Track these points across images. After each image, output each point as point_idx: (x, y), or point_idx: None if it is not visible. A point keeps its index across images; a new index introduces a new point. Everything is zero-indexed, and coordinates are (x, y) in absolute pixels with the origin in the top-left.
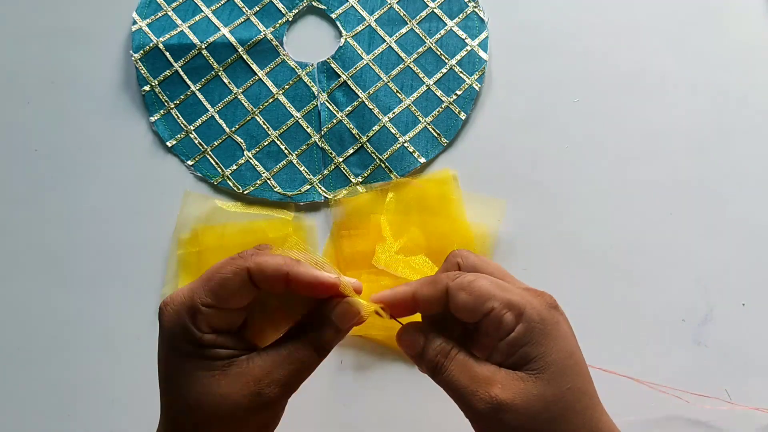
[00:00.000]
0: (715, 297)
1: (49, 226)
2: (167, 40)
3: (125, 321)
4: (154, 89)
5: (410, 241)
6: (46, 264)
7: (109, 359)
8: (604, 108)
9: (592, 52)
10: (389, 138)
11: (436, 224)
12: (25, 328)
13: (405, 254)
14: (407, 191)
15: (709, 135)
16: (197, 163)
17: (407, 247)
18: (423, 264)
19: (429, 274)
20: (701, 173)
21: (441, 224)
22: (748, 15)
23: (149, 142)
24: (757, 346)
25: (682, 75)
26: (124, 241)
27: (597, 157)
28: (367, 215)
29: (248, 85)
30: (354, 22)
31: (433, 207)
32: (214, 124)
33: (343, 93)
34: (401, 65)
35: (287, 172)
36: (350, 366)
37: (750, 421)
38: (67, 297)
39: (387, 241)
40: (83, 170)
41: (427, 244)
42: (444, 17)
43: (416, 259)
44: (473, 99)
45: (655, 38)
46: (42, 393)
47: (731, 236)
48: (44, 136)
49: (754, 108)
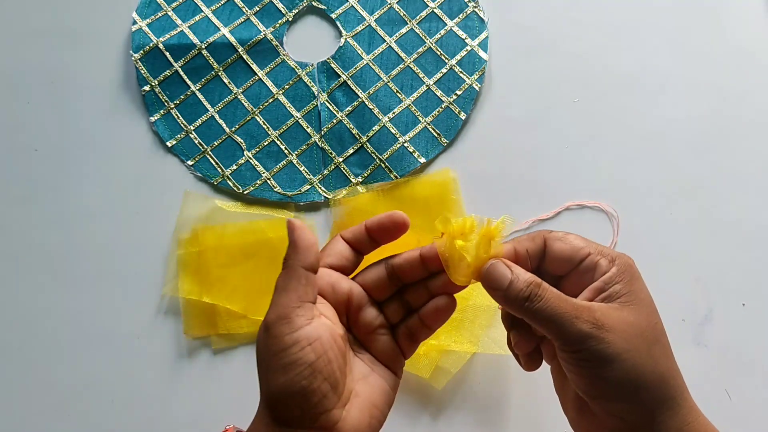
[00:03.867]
0: (715, 297)
1: (49, 226)
2: (167, 40)
3: (125, 321)
4: (154, 89)
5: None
6: (46, 264)
7: (109, 359)
8: (604, 108)
9: (591, 53)
10: (389, 138)
11: (431, 223)
12: (25, 328)
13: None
14: (406, 191)
15: (708, 135)
16: (197, 163)
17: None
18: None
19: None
20: (701, 173)
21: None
22: (748, 15)
23: (149, 142)
24: (757, 346)
25: (682, 75)
26: (124, 241)
27: (597, 157)
28: (369, 215)
29: (248, 85)
30: (354, 22)
31: (432, 208)
32: (214, 124)
33: (343, 93)
34: (401, 65)
35: (287, 172)
36: None
37: (750, 421)
38: (67, 297)
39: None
40: (83, 170)
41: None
42: (444, 17)
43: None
44: (473, 99)
45: (655, 38)
46: (42, 393)
47: (731, 236)
48: (44, 136)
49: (753, 108)
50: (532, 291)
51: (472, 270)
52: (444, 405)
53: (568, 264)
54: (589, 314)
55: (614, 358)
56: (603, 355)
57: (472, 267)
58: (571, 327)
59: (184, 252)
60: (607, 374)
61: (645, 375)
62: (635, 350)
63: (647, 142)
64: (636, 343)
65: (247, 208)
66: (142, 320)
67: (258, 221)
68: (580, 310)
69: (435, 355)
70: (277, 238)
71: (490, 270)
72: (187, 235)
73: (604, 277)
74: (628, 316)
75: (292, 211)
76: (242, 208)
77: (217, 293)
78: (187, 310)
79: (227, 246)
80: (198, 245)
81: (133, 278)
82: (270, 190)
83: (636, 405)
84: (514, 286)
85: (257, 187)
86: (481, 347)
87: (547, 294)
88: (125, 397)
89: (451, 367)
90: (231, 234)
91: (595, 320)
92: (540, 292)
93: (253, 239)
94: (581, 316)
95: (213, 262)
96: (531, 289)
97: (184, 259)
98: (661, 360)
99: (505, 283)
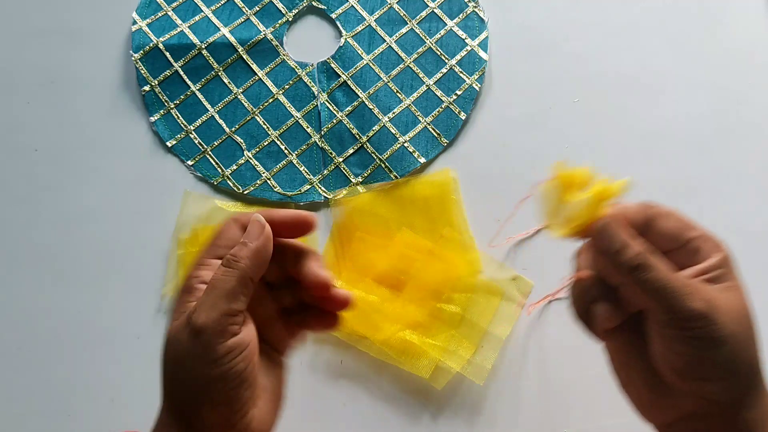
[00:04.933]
0: None
1: (48, 226)
2: (167, 40)
3: (125, 321)
4: (154, 89)
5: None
6: (45, 264)
7: (109, 359)
8: (604, 108)
9: (592, 52)
10: (389, 138)
11: (435, 224)
12: (25, 327)
13: None
14: (406, 191)
15: (708, 135)
16: (197, 163)
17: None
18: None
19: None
20: (701, 173)
21: (437, 224)
22: (748, 15)
23: (149, 142)
24: None
25: (682, 75)
26: (123, 241)
27: (597, 157)
28: (369, 215)
29: (248, 85)
30: (354, 22)
31: (432, 208)
32: (214, 124)
33: (343, 93)
34: (401, 65)
35: (287, 172)
36: (350, 367)
37: None
38: (66, 297)
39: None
40: (83, 170)
41: (422, 245)
42: (444, 17)
43: None
44: (473, 99)
45: (655, 38)
46: (42, 393)
47: (731, 236)
48: (44, 136)
49: (753, 108)
50: (644, 259)
51: (578, 224)
52: (443, 405)
53: (674, 242)
54: (704, 291)
55: (725, 340)
56: (714, 336)
57: (580, 221)
58: (684, 303)
59: (184, 252)
60: (714, 355)
61: (743, 361)
62: (741, 335)
63: (647, 142)
64: (742, 329)
65: (247, 208)
66: (142, 320)
67: None
68: (693, 287)
69: (435, 355)
70: None
71: (603, 229)
72: (187, 235)
73: (711, 260)
74: (734, 298)
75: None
76: (242, 208)
77: None
78: None
79: None
80: (198, 245)
81: (133, 278)
82: (270, 190)
83: (728, 388)
84: (626, 250)
85: (257, 187)
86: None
87: (660, 265)
88: (125, 397)
89: (451, 367)
90: None
91: (710, 299)
92: (652, 263)
93: None
94: (695, 294)
95: None
96: (643, 257)
97: (184, 259)
98: (754, 348)
99: (617, 245)
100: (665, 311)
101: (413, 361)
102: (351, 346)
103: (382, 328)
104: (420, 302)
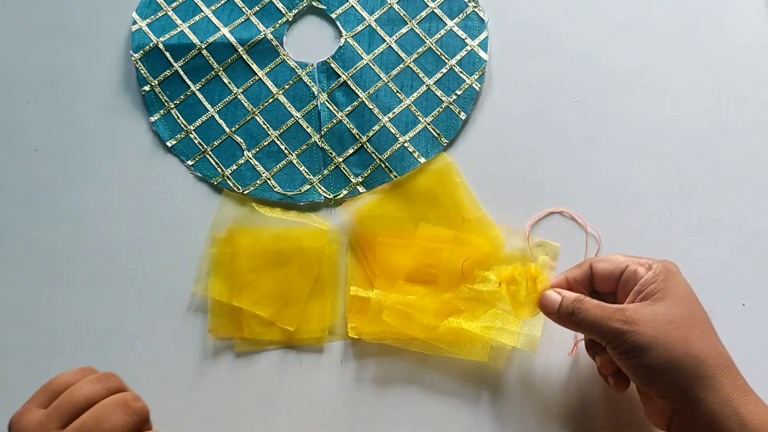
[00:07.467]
0: (714, 297)
1: (48, 227)
2: (167, 40)
3: (125, 321)
4: (154, 89)
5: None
6: (45, 264)
7: (109, 359)
8: (604, 108)
9: (592, 52)
10: (389, 138)
11: (448, 211)
12: (25, 327)
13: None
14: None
15: (708, 135)
16: (197, 163)
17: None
18: None
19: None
20: (701, 173)
21: (450, 211)
22: (748, 15)
23: (149, 142)
24: (757, 346)
25: (682, 75)
26: (123, 241)
27: (597, 157)
28: (380, 219)
29: (248, 85)
30: (354, 22)
31: (440, 196)
32: (214, 124)
33: (343, 93)
34: (401, 65)
35: (287, 172)
36: (350, 366)
37: None
38: (66, 297)
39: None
40: (83, 170)
41: (444, 234)
42: (444, 17)
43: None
44: (473, 99)
45: (655, 38)
46: None
47: (731, 236)
48: (44, 136)
49: (753, 108)
50: (575, 306)
51: (531, 305)
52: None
53: (612, 279)
54: (621, 314)
55: (646, 346)
56: (636, 345)
57: (530, 303)
58: (607, 327)
59: (217, 251)
60: (644, 361)
61: (678, 357)
62: (665, 337)
63: (647, 142)
64: (666, 331)
65: (284, 213)
66: (142, 320)
67: (293, 229)
68: (613, 312)
69: (488, 336)
70: (311, 248)
71: (542, 300)
72: (223, 234)
73: (641, 280)
74: (659, 308)
75: (324, 221)
76: (279, 213)
77: (246, 297)
78: (214, 309)
79: (261, 251)
80: (232, 246)
81: (133, 278)
82: (270, 190)
83: (672, 384)
84: (561, 306)
85: (257, 187)
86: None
87: (587, 305)
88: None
89: (505, 344)
90: (266, 239)
91: (626, 318)
92: (581, 305)
93: (287, 246)
94: (614, 317)
95: (245, 266)
96: (574, 305)
97: (217, 259)
98: (696, 342)
99: (556, 306)
100: (600, 339)
101: (468, 348)
102: (350, 346)
103: (428, 325)
104: (456, 289)
